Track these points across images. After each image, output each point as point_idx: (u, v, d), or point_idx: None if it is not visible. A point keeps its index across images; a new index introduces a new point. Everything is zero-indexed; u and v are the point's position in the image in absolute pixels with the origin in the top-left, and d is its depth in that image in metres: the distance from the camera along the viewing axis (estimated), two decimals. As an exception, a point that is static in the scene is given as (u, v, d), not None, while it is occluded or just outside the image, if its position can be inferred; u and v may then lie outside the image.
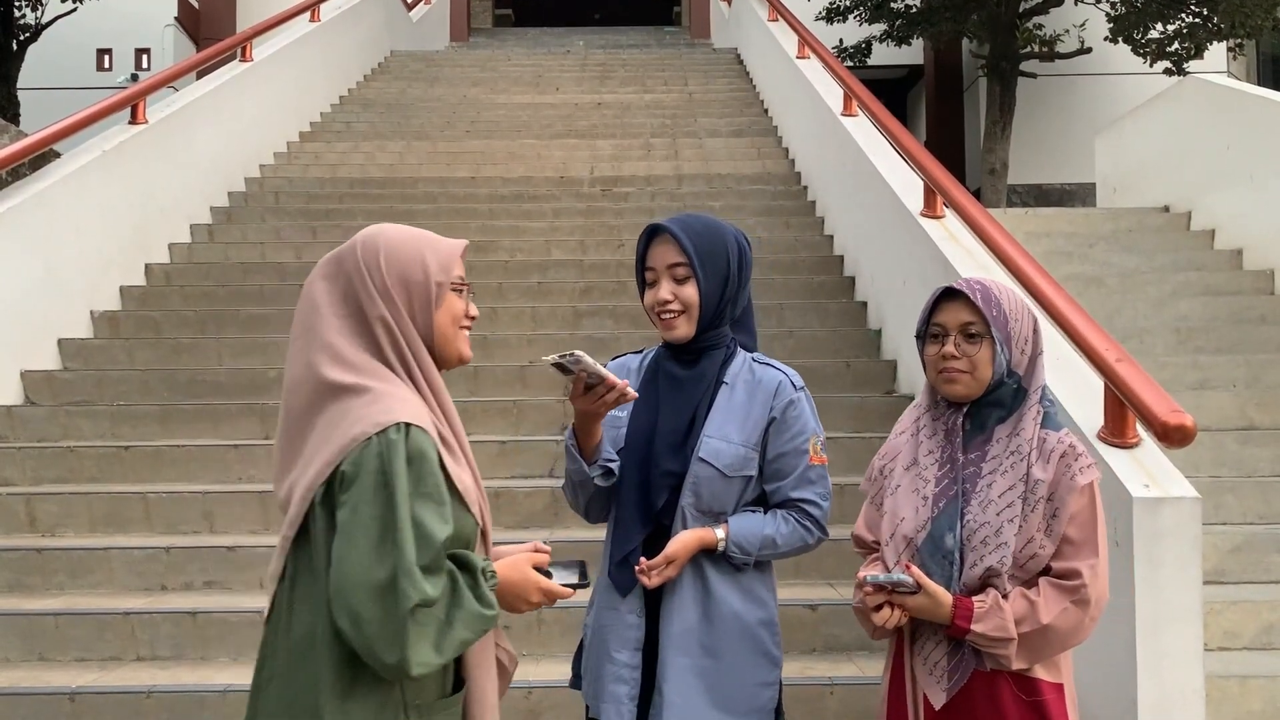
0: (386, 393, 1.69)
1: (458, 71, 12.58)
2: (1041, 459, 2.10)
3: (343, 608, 1.61)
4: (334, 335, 1.73)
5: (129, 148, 6.75)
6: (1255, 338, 5.98)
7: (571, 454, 2.25)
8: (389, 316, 1.74)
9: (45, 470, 4.97)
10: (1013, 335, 2.13)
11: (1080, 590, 2.05)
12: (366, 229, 1.84)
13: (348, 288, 1.76)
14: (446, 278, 1.80)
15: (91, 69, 15.72)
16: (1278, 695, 3.60)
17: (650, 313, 2.29)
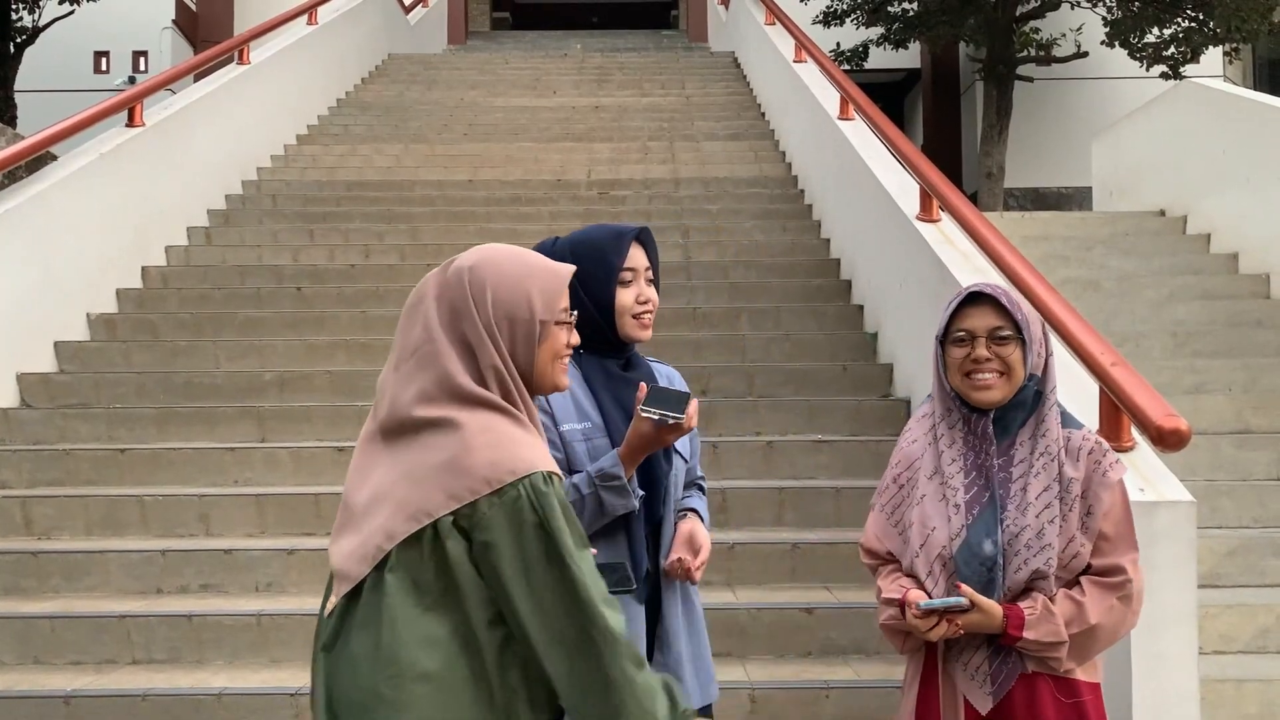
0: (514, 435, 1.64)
1: (455, 74, 12.59)
2: (1070, 457, 2.11)
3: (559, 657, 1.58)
4: (449, 364, 1.68)
5: (126, 150, 6.75)
6: (1252, 341, 5.99)
7: (624, 491, 2.15)
8: (494, 353, 1.69)
9: (41, 473, 4.96)
10: (1033, 338, 2.15)
11: (1125, 586, 2.06)
12: (475, 252, 1.78)
13: (454, 315, 1.71)
14: (551, 316, 1.75)
15: (89, 71, 15.72)
16: (1273, 699, 3.60)
17: (627, 316, 2.24)
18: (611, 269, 2.23)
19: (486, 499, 1.58)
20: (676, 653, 2.25)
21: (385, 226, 7.66)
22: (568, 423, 2.19)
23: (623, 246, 2.25)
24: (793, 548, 4.28)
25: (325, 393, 5.55)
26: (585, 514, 2.14)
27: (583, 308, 2.20)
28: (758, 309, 6.31)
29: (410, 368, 1.71)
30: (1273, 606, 3.96)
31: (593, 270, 2.22)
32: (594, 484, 2.13)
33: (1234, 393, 5.44)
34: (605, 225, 2.32)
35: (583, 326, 2.20)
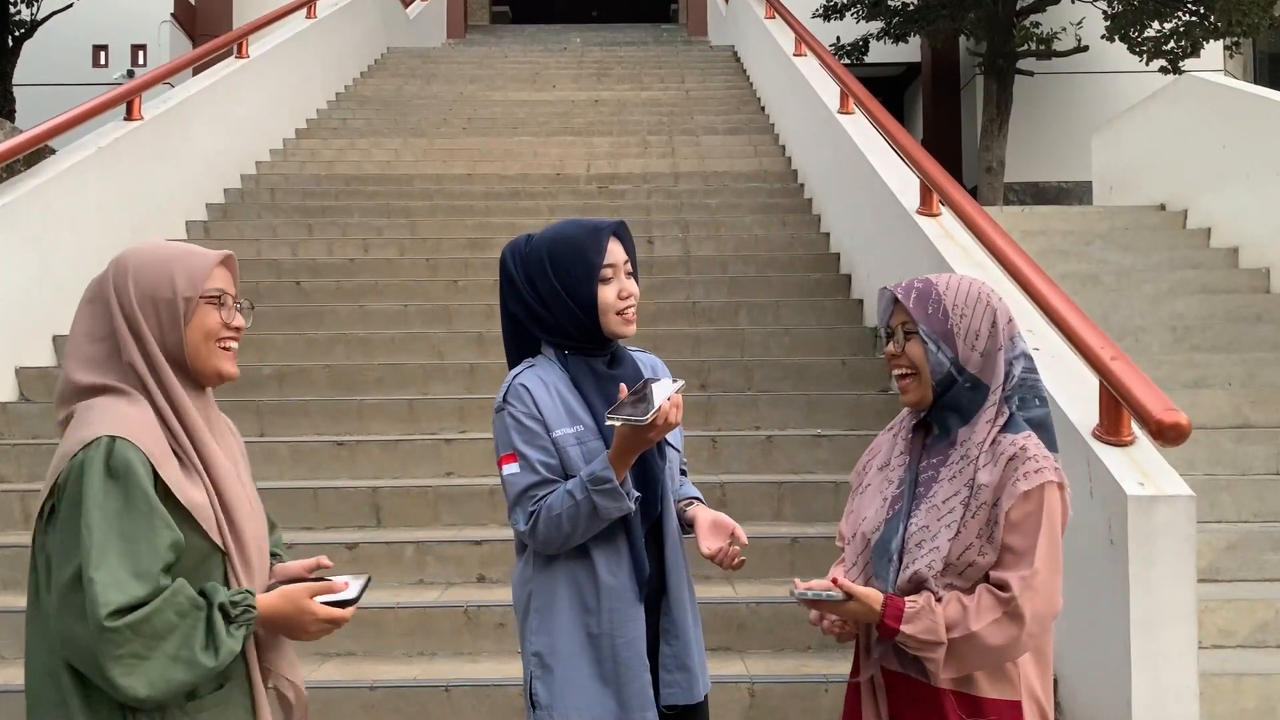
0: (101, 410, 1.70)
1: (454, 68, 12.57)
2: (991, 462, 2.00)
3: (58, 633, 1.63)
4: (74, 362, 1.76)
5: (125, 144, 6.74)
6: (1251, 336, 5.98)
7: (617, 494, 2.10)
8: (128, 334, 1.75)
9: (40, 467, 4.95)
10: (955, 331, 2.04)
11: (1010, 603, 1.94)
12: (126, 249, 1.86)
13: (105, 309, 1.78)
14: (195, 292, 1.78)
15: (87, 65, 15.71)
16: (1272, 693, 3.60)
17: (611, 313, 2.21)
18: (592, 267, 2.19)
19: (64, 473, 1.67)
20: (685, 641, 2.25)
21: (384, 221, 7.65)
22: (560, 428, 2.17)
23: (602, 243, 2.21)
24: (792, 542, 4.28)
25: (324, 387, 5.55)
26: (580, 520, 2.11)
27: (565, 307, 2.19)
28: (757, 304, 6.31)
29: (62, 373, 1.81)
30: (1272, 601, 3.96)
31: (573, 269, 2.18)
32: (586, 488, 2.10)
33: (1233, 387, 5.43)
34: (578, 221, 2.28)
35: (566, 326, 2.20)
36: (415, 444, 4.94)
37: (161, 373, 1.75)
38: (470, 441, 5.00)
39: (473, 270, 6.84)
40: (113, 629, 1.56)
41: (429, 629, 3.91)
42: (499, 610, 3.90)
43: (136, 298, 1.76)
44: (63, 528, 1.64)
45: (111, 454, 1.63)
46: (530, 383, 2.20)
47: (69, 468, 1.65)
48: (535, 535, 2.14)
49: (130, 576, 1.60)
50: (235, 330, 1.83)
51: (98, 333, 1.77)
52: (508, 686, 3.57)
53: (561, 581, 2.18)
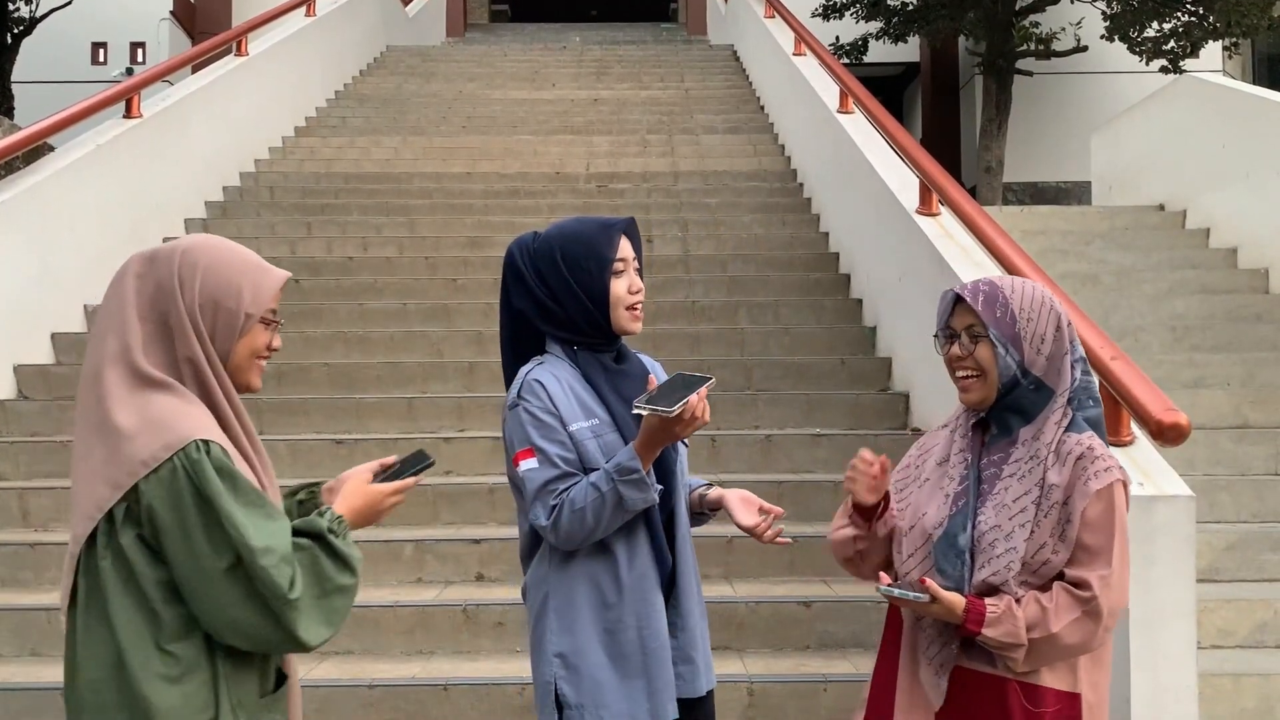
0: (168, 411, 1.68)
1: (454, 67, 12.56)
2: (1058, 463, 2.05)
3: (220, 627, 1.66)
4: (133, 338, 1.72)
5: (123, 142, 6.73)
6: (1250, 336, 5.99)
7: (644, 485, 2.12)
8: (190, 335, 1.73)
9: (39, 465, 4.95)
10: (1023, 335, 2.08)
11: (1091, 602, 2.00)
12: (192, 237, 1.82)
13: (156, 292, 1.74)
14: (258, 311, 1.79)
15: (86, 63, 15.70)
16: (1271, 693, 3.60)
17: (621, 308, 2.23)
18: (605, 261, 2.21)
19: (144, 480, 1.64)
20: (691, 634, 2.26)
21: (383, 219, 7.65)
22: (575, 422, 2.17)
23: (613, 238, 2.23)
24: (791, 541, 4.27)
25: (323, 385, 5.54)
26: (605, 512, 2.11)
27: (576, 301, 2.19)
28: (756, 303, 6.31)
29: (97, 344, 1.75)
30: (1270, 601, 3.96)
31: (585, 263, 2.20)
32: (612, 480, 2.10)
33: (1232, 387, 5.43)
34: (587, 218, 2.29)
35: (576, 320, 2.21)
36: (414, 442, 4.93)
37: (219, 373, 1.76)
38: (469, 440, 5.00)
39: (472, 269, 6.84)
40: (297, 599, 1.65)
41: (428, 627, 3.91)
42: (497, 609, 3.90)
43: (200, 297, 1.74)
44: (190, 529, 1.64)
45: (210, 453, 1.66)
46: (543, 378, 2.19)
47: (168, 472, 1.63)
48: (558, 530, 2.12)
49: (288, 549, 1.67)
50: (272, 351, 1.85)
51: (145, 313, 1.73)
52: (506, 685, 3.57)
53: (581, 579, 2.18)
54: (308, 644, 1.68)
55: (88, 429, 1.71)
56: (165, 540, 1.65)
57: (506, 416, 2.21)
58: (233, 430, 1.75)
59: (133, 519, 1.66)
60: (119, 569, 1.67)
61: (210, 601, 1.65)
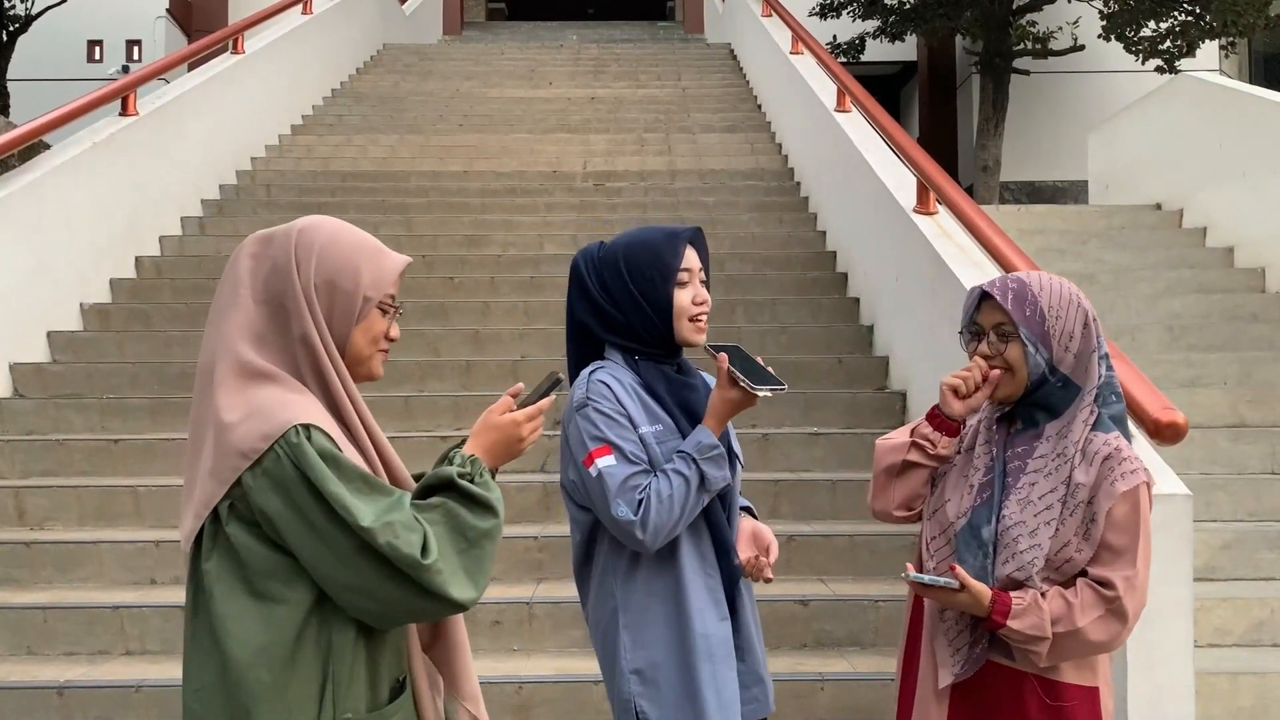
0: (278, 399, 1.61)
1: (451, 65, 12.55)
2: (1085, 462, 2.06)
3: (363, 609, 1.58)
4: (245, 323, 1.66)
5: (119, 140, 6.72)
6: (1246, 335, 5.99)
7: (723, 460, 2.12)
8: (307, 317, 1.65)
9: (34, 463, 4.94)
10: (1051, 333, 2.08)
11: (1115, 602, 2.01)
12: (311, 217, 1.75)
13: (272, 273, 1.67)
14: (377, 294, 1.70)
15: (82, 60, 15.66)
16: (1267, 692, 3.61)
17: (684, 319, 2.21)
18: (669, 270, 2.18)
19: (249, 472, 1.57)
20: (755, 653, 2.26)
21: (380, 217, 7.63)
22: (642, 425, 2.15)
23: (679, 247, 2.21)
24: (788, 540, 4.27)
25: (320, 384, 5.53)
26: (690, 496, 2.09)
27: (639, 310, 2.17)
28: (754, 301, 6.30)
29: (212, 332, 1.69)
30: (1267, 600, 3.96)
31: (648, 272, 2.18)
32: (693, 461, 2.09)
33: (1229, 386, 5.44)
34: (656, 226, 2.27)
35: (638, 330, 2.18)
36: (410, 441, 4.92)
37: (334, 357, 1.67)
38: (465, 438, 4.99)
39: (469, 267, 6.83)
40: (434, 562, 1.56)
41: (425, 626, 3.90)
42: (494, 608, 3.89)
43: (317, 277, 1.66)
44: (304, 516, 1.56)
45: (311, 438, 1.58)
46: (607, 380, 2.17)
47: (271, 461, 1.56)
48: (646, 524, 2.08)
49: (407, 516, 1.58)
50: (391, 341, 1.76)
51: (260, 295, 1.66)
52: (503, 684, 3.57)
53: (652, 593, 2.15)
54: (461, 603, 1.59)
55: (200, 425, 1.65)
56: (286, 531, 1.57)
57: (572, 419, 2.15)
58: (347, 416, 1.68)
59: (238, 514, 1.59)
60: (225, 569, 1.60)
61: (353, 586, 1.56)
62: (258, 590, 1.58)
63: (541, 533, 4.34)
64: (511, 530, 4.40)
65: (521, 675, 3.62)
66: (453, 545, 1.60)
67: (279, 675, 1.57)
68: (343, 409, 1.67)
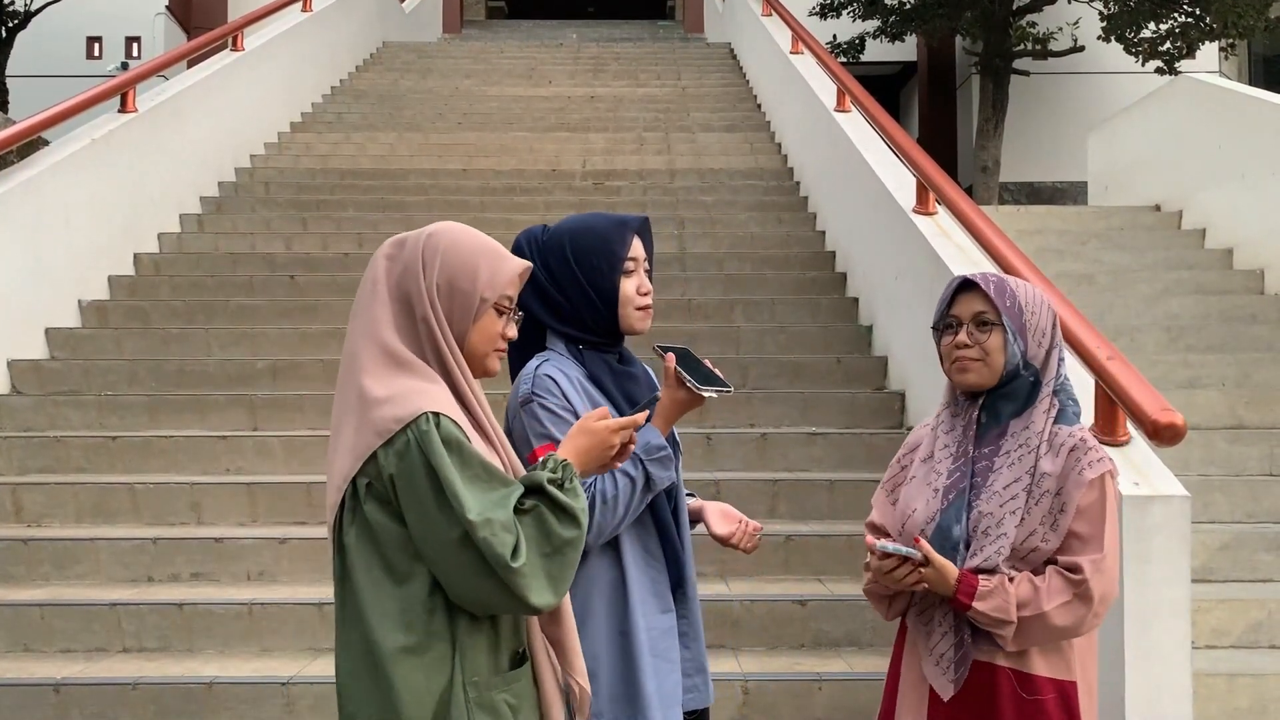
0: (410, 388, 1.72)
1: (450, 63, 12.54)
2: (1051, 452, 2.10)
3: (461, 597, 1.69)
4: (383, 318, 1.78)
5: (118, 136, 6.71)
6: (1245, 337, 5.99)
7: (669, 461, 2.11)
8: (430, 313, 1.78)
9: (31, 460, 4.94)
10: (1028, 326, 2.14)
11: (1082, 585, 2.04)
12: (442, 223, 1.87)
13: (403, 274, 1.80)
14: (494, 295, 1.81)
15: (81, 57, 15.65)
16: (1264, 693, 3.61)
17: (630, 307, 2.20)
18: (616, 259, 2.18)
19: (381, 449, 1.69)
20: (699, 642, 2.25)
21: (379, 215, 7.63)
22: None
23: (627, 236, 2.20)
24: (786, 540, 4.27)
25: (318, 381, 5.53)
26: (635, 497, 2.09)
27: (584, 298, 2.17)
28: (752, 301, 6.30)
29: (355, 324, 1.81)
30: (1264, 601, 3.96)
31: (595, 260, 2.17)
32: (639, 461, 2.08)
33: (1227, 388, 5.44)
34: (601, 214, 2.26)
35: (583, 317, 2.19)
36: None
37: (455, 352, 1.79)
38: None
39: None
40: (521, 565, 1.66)
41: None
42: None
43: (439, 278, 1.79)
44: (423, 501, 1.67)
45: (440, 426, 1.68)
46: (554, 374, 2.15)
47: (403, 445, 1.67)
48: (590, 525, 2.06)
49: (507, 516, 1.68)
50: (508, 340, 1.87)
51: (393, 293, 1.79)
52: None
53: (595, 583, 2.13)
54: (538, 607, 1.69)
55: (344, 404, 1.76)
56: (406, 512, 1.69)
57: (517, 412, 2.15)
58: (471, 408, 1.79)
59: (375, 493, 1.70)
60: (364, 542, 1.71)
61: (450, 571, 1.67)
62: (390, 563, 1.70)
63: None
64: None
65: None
66: (538, 550, 1.70)
67: (415, 641, 1.69)
68: (466, 399, 1.79)
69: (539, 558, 1.69)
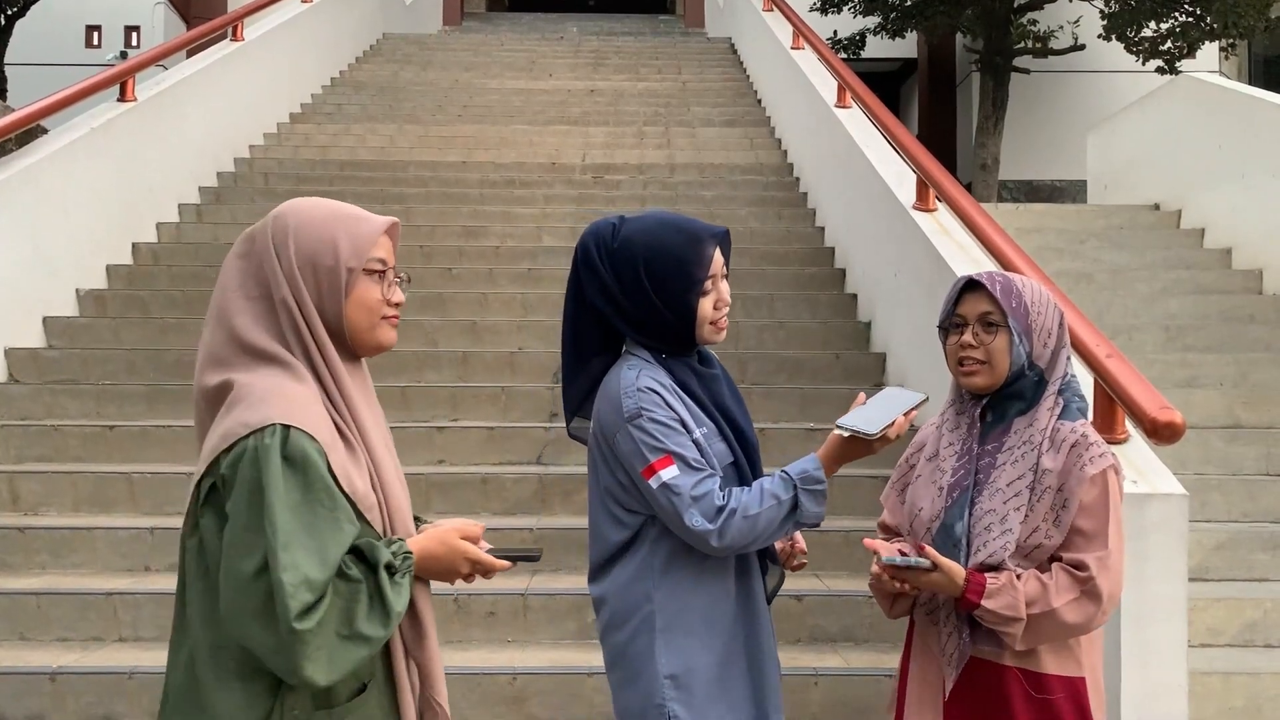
0: (270, 388, 1.57)
1: (450, 55, 12.52)
2: (1053, 449, 2.10)
3: (231, 631, 1.54)
4: (239, 319, 1.63)
5: (118, 126, 6.69)
6: (1243, 336, 6.00)
7: (822, 498, 2.06)
8: (292, 301, 1.62)
9: (29, 449, 4.93)
10: (1034, 327, 2.13)
11: (1089, 583, 2.03)
12: (288, 202, 1.72)
13: (258, 268, 1.65)
14: (359, 263, 1.66)
15: (80, 46, 15.60)
16: (1259, 692, 3.62)
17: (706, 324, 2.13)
18: (693, 282, 2.07)
19: (224, 454, 1.54)
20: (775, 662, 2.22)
21: (378, 207, 7.60)
22: (695, 430, 2.08)
23: (705, 254, 2.08)
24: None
25: (316, 373, 5.52)
26: (777, 521, 2.03)
27: (658, 317, 2.08)
28: (751, 296, 6.30)
29: (206, 332, 1.67)
30: (1260, 600, 3.97)
31: (669, 283, 2.06)
32: (794, 488, 2.03)
33: (1225, 387, 5.45)
34: (677, 223, 2.12)
35: (658, 333, 2.10)
36: (407, 431, 4.92)
37: (322, 344, 1.64)
38: (462, 430, 4.99)
39: (466, 258, 6.82)
40: (305, 630, 1.49)
41: (419, 617, 3.90)
42: (488, 599, 3.89)
43: (297, 260, 1.64)
44: (236, 518, 1.52)
45: (287, 443, 1.53)
46: (653, 385, 2.06)
47: (239, 452, 1.53)
48: (724, 534, 2.01)
49: (317, 573, 1.51)
50: (395, 306, 1.71)
51: (251, 291, 1.64)
52: (497, 675, 3.57)
53: (696, 595, 2.08)
54: (312, 681, 1.51)
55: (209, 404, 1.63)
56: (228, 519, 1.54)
57: (620, 428, 2.05)
58: (337, 408, 1.63)
59: (215, 499, 1.56)
60: (200, 551, 1.58)
61: (230, 601, 1.52)
62: (213, 583, 1.55)
63: (537, 524, 4.34)
64: (509, 522, 4.40)
65: (516, 666, 3.62)
66: (334, 627, 1.53)
67: (239, 668, 1.56)
68: (331, 396, 1.63)
69: (332, 634, 1.52)
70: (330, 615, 1.52)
